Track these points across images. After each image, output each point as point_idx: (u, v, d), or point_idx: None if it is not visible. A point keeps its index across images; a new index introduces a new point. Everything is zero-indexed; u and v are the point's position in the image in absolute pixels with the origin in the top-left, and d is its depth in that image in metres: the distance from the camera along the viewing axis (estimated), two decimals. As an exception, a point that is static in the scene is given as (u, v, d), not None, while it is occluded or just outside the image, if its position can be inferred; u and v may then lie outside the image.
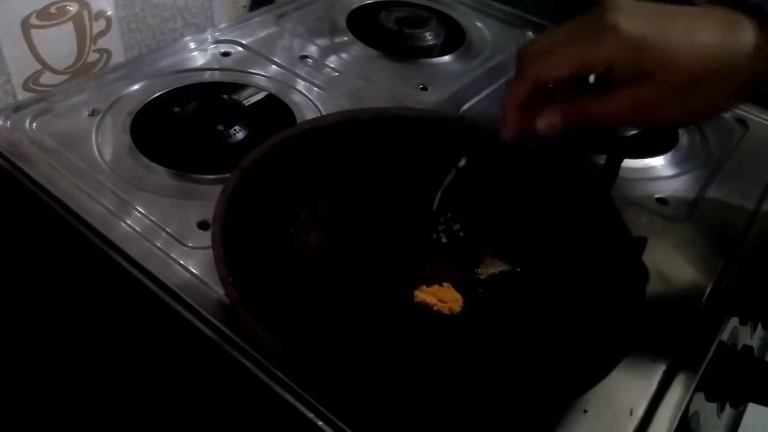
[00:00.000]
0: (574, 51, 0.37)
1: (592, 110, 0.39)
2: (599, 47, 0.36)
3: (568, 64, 0.38)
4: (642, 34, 0.35)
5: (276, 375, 0.40)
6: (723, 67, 0.36)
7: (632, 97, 0.37)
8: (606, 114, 0.38)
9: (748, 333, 0.56)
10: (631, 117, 0.38)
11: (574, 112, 0.39)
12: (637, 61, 0.36)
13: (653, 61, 0.35)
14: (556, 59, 0.38)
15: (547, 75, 0.39)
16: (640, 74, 0.36)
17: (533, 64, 0.39)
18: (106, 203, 0.50)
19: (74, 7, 0.62)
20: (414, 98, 0.65)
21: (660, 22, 0.36)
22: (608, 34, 0.36)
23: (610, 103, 0.38)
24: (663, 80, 0.36)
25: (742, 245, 0.53)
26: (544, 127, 0.40)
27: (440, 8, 0.82)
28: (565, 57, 0.38)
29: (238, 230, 0.43)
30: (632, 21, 0.36)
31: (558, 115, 0.39)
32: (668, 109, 0.37)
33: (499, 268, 0.46)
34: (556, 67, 0.38)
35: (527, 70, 0.40)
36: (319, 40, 0.73)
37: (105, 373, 0.54)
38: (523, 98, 0.40)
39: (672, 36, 0.35)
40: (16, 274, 0.59)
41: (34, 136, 0.55)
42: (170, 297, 0.44)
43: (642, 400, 0.41)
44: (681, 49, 0.35)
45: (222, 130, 0.57)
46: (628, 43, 0.36)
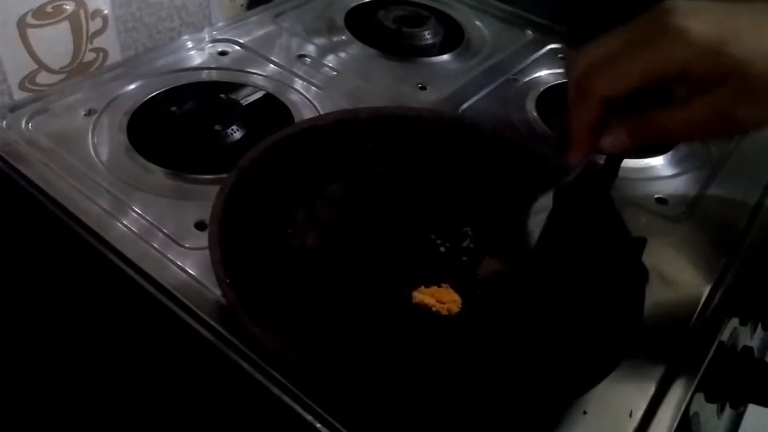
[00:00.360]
0: (643, 59, 0.34)
1: (665, 123, 0.36)
2: (670, 52, 0.34)
3: (637, 74, 0.35)
4: (715, 36, 0.33)
5: (273, 376, 0.40)
6: None
7: (710, 104, 0.34)
8: (682, 126, 0.35)
9: (748, 333, 0.56)
10: (709, 126, 0.35)
11: (645, 127, 0.36)
12: (713, 65, 0.33)
13: (729, 64, 0.33)
14: (624, 70, 0.35)
15: (617, 89, 0.35)
16: (715, 79, 0.34)
17: (598, 79, 0.36)
18: (103, 203, 0.50)
19: (70, 6, 0.62)
20: (413, 97, 0.65)
21: (727, 20, 0.34)
22: (677, 38, 0.33)
23: (685, 112, 0.35)
24: (741, 83, 0.33)
25: (742, 245, 0.52)
26: (612, 146, 0.38)
27: (439, 7, 0.81)
28: (633, 67, 0.35)
29: (235, 230, 0.43)
30: (700, 22, 0.33)
31: (627, 132, 0.37)
32: (749, 113, 0.34)
33: (497, 268, 0.46)
34: (626, 79, 0.35)
35: (592, 87, 0.36)
36: (317, 39, 0.73)
37: (102, 374, 0.54)
38: (594, 119, 0.37)
39: (743, 35, 0.33)
40: (12, 275, 0.58)
41: (31, 136, 0.55)
42: (167, 298, 0.44)
43: (642, 401, 0.41)
44: (756, 48, 0.33)
45: (219, 130, 0.56)
46: (702, 47, 0.33)
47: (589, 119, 0.37)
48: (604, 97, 0.36)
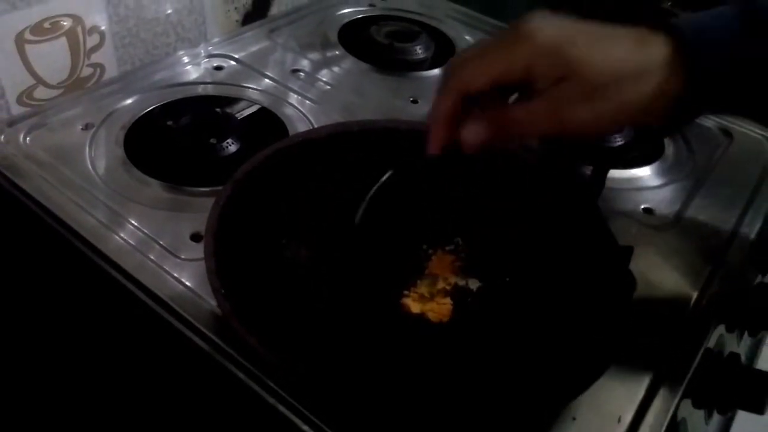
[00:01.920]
0: (493, 60, 0.38)
1: (511, 115, 0.39)
2: (516, 54, 0.37)
3: (487, 72, 0.38)
4: (556, 39, 0.37)
5: (268, 386, 0.40)
6: (636, 72, 0.37)
7: (547, 98, 0.37)
8: (523, 118, 0.39)
9: (735, 340, 0.57)
10: (546, 121, 0.38)
11: (497, 118, 0.40)
12: (552, 65, 0.37)
13: (568, 64, 0.36)
14: (477, 68, 0.39)
15: (469, 84, 0.39)
16: (557, 76, 0.37)
17: (455, 74, 0.40)
18: (100, 216, 0.50)
19: (68, 23, 0.63)
20: (405, 111, 0.66)
21: (572, 31, 0.37)
22: (524, 42, 0.37)
23: (528, 108, 0.39)
24: (575, 80, 0.36)
25: (727, 253, 0.54)
26: (469, 136, 0.40)
27: (430, 22, 0.83)
28: (485, 66, 0.39)
29: (230, 242, 0.43)
30: (546, 30, 0.37)
31: (481, 123, 0.40)
32: (581, 111, 0.37)
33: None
34: (477, 76, 0.39)
35: (450, 81, 0.40)
36: (311, 54, 0.74)
37: (100, 384, 0.55)
38: (448, 109, 0.40)
39: (583, 42, 0.37)
40: (11, 287, 0.59)
41: (28, 150, 0.56)
42: (163, 309, 0.44)
43: (630, 407, 0.41)
44: (594, 54, 0.36)
45: (215, 143, 0.57)
46: (543, 49, 0.37)
47: (444, 109, 0.40)
48: (460, 90, 0.40)
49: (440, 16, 0.84)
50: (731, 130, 0.68)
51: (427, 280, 0.46)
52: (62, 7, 0.62)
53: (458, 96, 0.40)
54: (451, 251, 0.49)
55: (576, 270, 0.46)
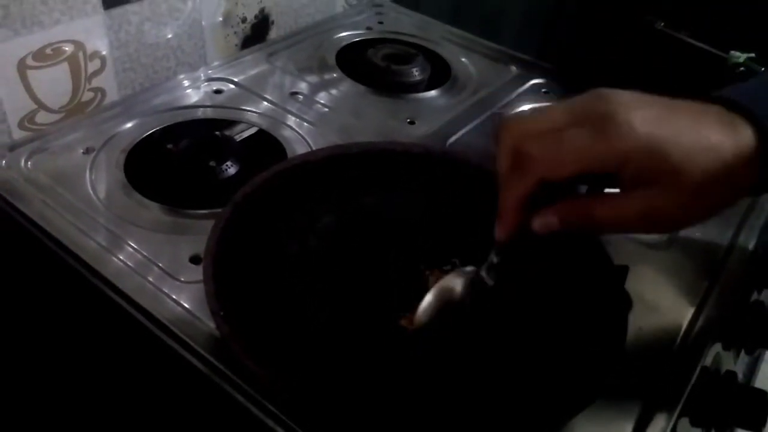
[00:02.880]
0: (586, 147, 0.34)
1: (598, 213, 0.35)
2: (614, 145, 0.33)
3: (579, 161, 0.34)
4: (658, 136, 0.33)
5: (267, 408, 0.40)
6: (731, 170, 0.33)
7: (643, 200, 0.34)
8: (611, 218, 0.35)
9: (732, 358, 0.57)
10: (637, 222, 0.35)
11: (577, 213, 0.36)
12: (653, 164, 0.33)
13: (667, 164, 0.33)
14: (566, 154, 0.34)
15: (557, 173, 0.35)
16: (653, 178, 0.34)
17: (538, 158, 0.35)
18: (100, 239, 0.51)
19: (69, 48, 0.64)
20: (402, 132, 0.67)
21: (669, 120, 0.34)
22: (622, 132, 0.33)
23: (617, 206, 0.35)
24: (678, 185, 0.33)
25: (723, 271, 0.54)
26: (541, 227, 0.37)
27: (426, 45, 0.84)
28: (576, 153, 0.34)
29: (229, 264, 0.44)
30: (644, 118, 0.33)
31: (557, 216, 0.36)
32: (678, 215, 0.34)
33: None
34: (567, 164, 0.34)
35: (531, 165, 0.35)
36: (309, 77, 0.75)
37: (100, 406, 0.55)
38: (525, 196, 0.36)
39: (684, 138, 0.33)
40: (11, 310, 0.59)
41: (29, 174, 0.56)
42: (162, 331, 0.45)
43: (627, 426, 0.42)
44: (694, 152, 0.33)
45: (214, 166, 0.58)
46: (644, 144, 0.33)
47: (522, 195, 0.37)
48: (543, 178, 0.35)
49: (436, 39, 0.86)
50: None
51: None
52: (64, 33, 0.63)
53: (539, 182, 0.35)
54: (449, 272, 0.49)
55: (572, 290, 0.46)
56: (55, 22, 0.62)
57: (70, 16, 0.62)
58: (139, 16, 0.68)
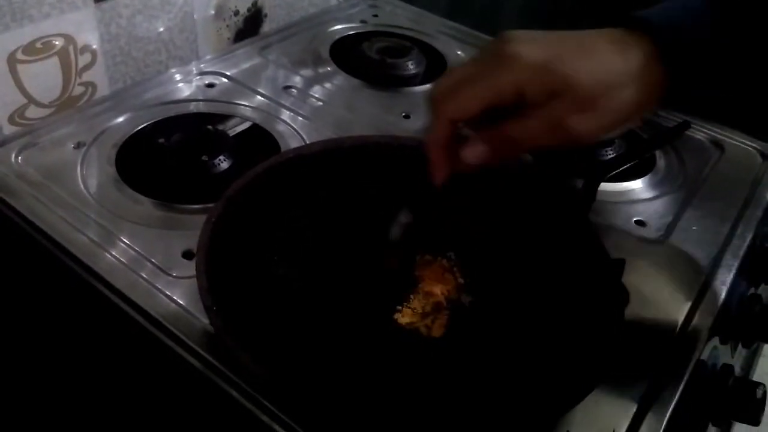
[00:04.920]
0: (483, 84, 0.38)
1: (510, 133, 0.39)
2: (504, 76, 0.38)
3: (478, 97, 0.38)
4: (542, 58, 0.37)
5: (261, 402, 0.40)
6: (621, 79, 0.37)
7: (543, 114, 0.38)
8: (523, 135, 0.39)
9: (729, 352, 0.57)
10: (546, 134, 0.39)
11: (494, 137, 0.40)
12: (542, 83, 0.37)
13: (556, 80, 0.37)
14: (466, 95, 0.39)
15: (461, 111, 0.39)
16: (548, 95, 0.37)
17: (445, 104, 0.40)
18: (91, 235, 0.50)
19: (60, 42, 0.63)
20: (397, 126, 0.66)
21: (555, 46, 0.38)
22: (510, 63, 0.37)
23: (525, 123, 0.38)
24: (569, 95, 0.37)
25: (720, 265, 0.54)
26: (471, 158, 0.40)
27: (421, 38, 0.83)
28: (474, 91, 0.38)
29: (222, 259, 0.43)
30: (530, 48, 0.37)
31: (481, 143, 0.40)
32: (579, 123, 0.38)
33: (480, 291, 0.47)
34: (468, 102, 0.39)
35: (440, 111, 0.40)
36: (303, 70, 0.74)
37: (93, 403, 0.54)
38: (444, 139, 0.41)
39: (569, 57, 0.37)
40: (2, 306, 0.58)
41: (20, 170, 0.56)
42: (155, 327, 0.44)
43: (624, 419, 0.41)
44: (581, 68, 0.37)
45: (207, 161, 0.57)
46: (530, 68, 0.37)
47: (438, 138, 0.41)
48: (450, 119, 0.40)
49: (432, 32, 0.85)
50: (722, 143, 0.69)
51: (419, 295, 0.46)
52: (54, 27, 0.62)
53: (450, 125, 0.40)
54: (438, 259, 0.49)
55: (569, 283, 0.46)
56: (45, 15, 0.61)
57: (60, 9, 0.62)
58: (130, 9, 0.67)
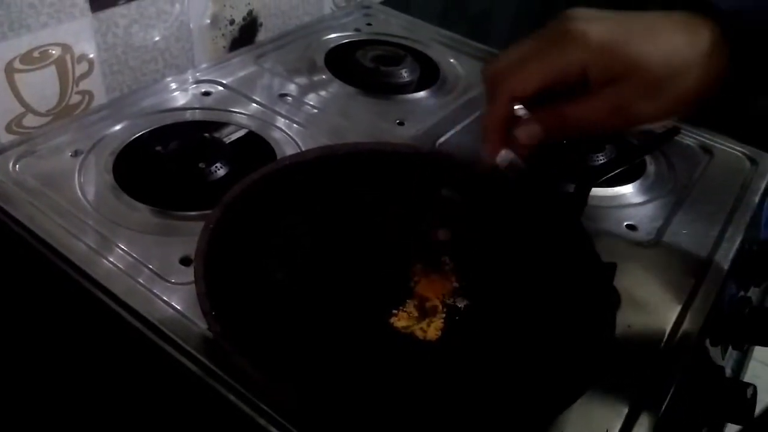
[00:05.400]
0: (547, 61, 0.38)
1: (571, 114, 0.39)
2: (570, 54, 0.37)
3: (542, 74, 0.38)
4: (609, 38, 0.37)
5: (259, 407, 0.40)
6: (687, 63, 0.37)
7: (608, 97, 0.37)
8: (584, 117, 0.39)
9: (720, 354, 0.57)
10: (609, 117, 0.38)
11: (553, 118, 0.39)
12: (609, 64, 0.37)
13: (623, 63, 0.37)
14: (530, 72, 0.38)
15: (523, 89, 0.39)
16: (613, 77, 0.37)
17: (506, 81, 0.39)
18: (89, 241, 0.51)
19: (57, 51, 0.63)
20: (391, 133, 0.67)
21: (623, 27, 0.37)
22: (577, 41, 0.37)
23: (587, 105, 0.38)
24: (636, 79, 0.37)
25: (709, 268, 0.55)
26: (524, 137, 0.40)
27: (415, 46, 0.84)
28: (538, 68, 0.38)
29: (220, 264, 0.44)
30: (597, 27, 0.37)
31: (536, 123, 0.40)
32: (643, 107, 0.37)
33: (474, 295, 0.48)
34: (531, 79, 0.38)
35: (501, 88, 0.39)
36: (298, 78, 0.75)
37: (91, 409, 0.54)
38: (503, 116, 0.40)
39: (636, 40, 0.37)
40: (1, 313, 0.59)
41: (17, 178, 0.56)
42: (153, 333, 0.45)
43: (617, 420, 0.42)
44: (648, 51, 0.37)
45: (203, 168, 0.58)
46: (597, 48, 0.37)
47: (498, 116, 0.40)
48: (511, 96, 0.39)
49: (425, 40, 0.86)
50: (711, 148, 0.70)
51: (415, 299, 0.47)
52: (51, 36, 0.62)
53: (511, 102, 0.40)
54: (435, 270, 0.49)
55: (561, 286, 0.47)
56: (43, 25, 0.61)
57: (58, 19, 0.62)
58: (127, 18, 0.68)
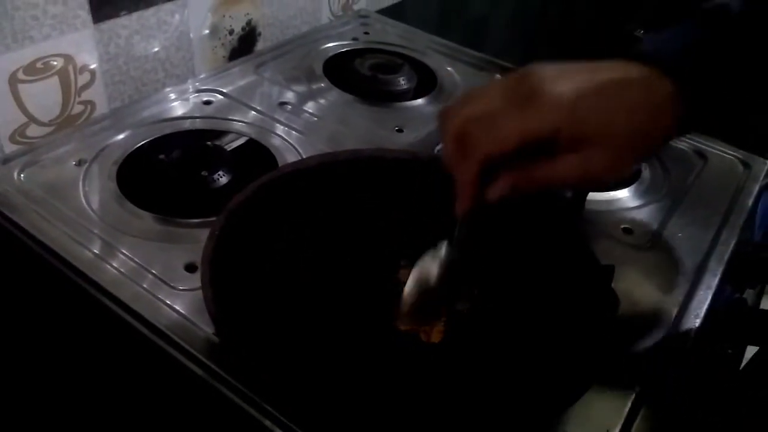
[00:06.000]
0: (522, 124, 0.37)
1: (541, 176, 0.39)
2: (544, 117, 0.37)
3: (515, 137, 0.38)
4: (583, 104, 0.37)
5: (265, 409, 0.41)
6: (653, 126, 0.38)
7: (580, 162, 0.38)
8: (553, 178, 0.39)
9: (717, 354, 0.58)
10: (576, 180, 0.39)
11: (524, 179, 0.40)
12: (582, 128, 0.37)
13: (594, 130, 0.37)
14: (504, 132, 0.38)
15: (498, 149, 0.38)
16: (584, 140, 0.37)
17: (480, 141, 0.39)
18: (94, 249, 0.51)
19: (59, 62, 0.64)
20: (390, 140, 0.68)
21: (592, 87, 0.37)
22: (551, 105, 0.37)
23: (558, 168, 0.38)
24: (604, 145, 0.37)
25: (705, 270, 0.55)
26: (495, 197, 0.40)
27: (412, 54, 0.85)
28: (510, 130, 0.38)
29: (225, 270, 0.45)
30: (569, 89, 0.37)
31: (507, 184, 0.40)
32: (609, 168, 0.38)
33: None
34: (506, 141, 0.38)
35: (473, 146, 0.39)
36: (297, 87, 0.76)
37: (98, 413, 0.55)
38: (475, 175, 0.40)
39: (606, 102, 0.37)
40: (7, 319, 0.59)
41: (23, 187, 0.57)
42: (159, 337, 0.45)
43: (617, 419, 0.43)
44: (619, 119, 0.37)
45: (206, 175, 0.59)
46: (570, 113, 0.37)
47: (471, 174, 0.40)
48: (487, 156, 0.39)
49: (421, 48, 0.87)
50: (705, 153, 0.71)
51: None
52: (54, 48, 0.63)
53: (483, 160, 0.39)
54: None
55: (561, 289, 0.47)
56: (45, 36, 0.62)
57: (60, 30, 0.63)
58: (128, 29, 0.69)
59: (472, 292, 0.48)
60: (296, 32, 0.89)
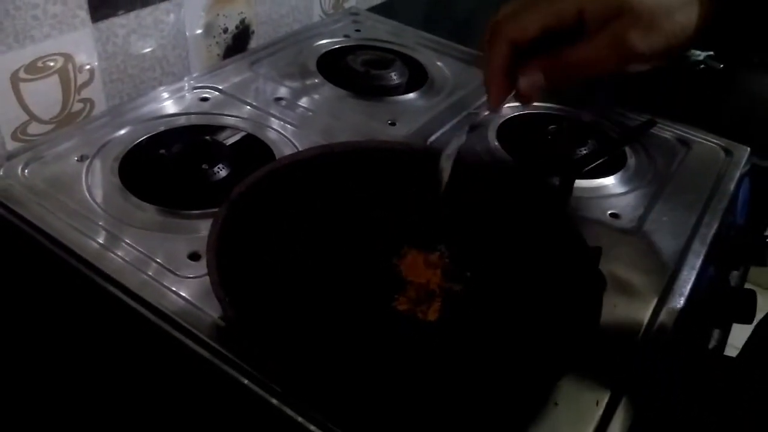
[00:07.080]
0: (544, 7, 0.39)
1: (571, 57, 0.40)
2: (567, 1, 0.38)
3: (541, 19, 0.39)
4: None
5: (272, 388, 0.43)
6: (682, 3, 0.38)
7: (605, 35, 0.38)
8: (584, 58, 0.40)
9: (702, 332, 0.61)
10: (607, 56, 0.39)
11: (555, 64, 0.40)
12: (605, 6, 0.38)
13: (619, 3, 0.38)
14: (529, 18, 0.40)
15: (522, 34, 0.40)
16: (608, 17, 0.38)
17: (506, 26, 0.40)
18: (100, 239, 0.53)
19: (60, 61, 0.66)
20: (384, 132, 0.70)
21: None
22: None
23: (586, 46, 0.39)
24: (630, 15, 0.38)
25: (689, 252, 0.58)
26: (527, 86, 0.41)
27: (403, 50, 0.87)
28: (536, 13, 0.39)
29: (229, 257, 0.46)
30: None
31: (539, 70, 0.41)
32: (638, 42, 0.38)
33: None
34: (530, 25, 0.39)
35: (501, 33, 0.41)
36: (291, 82, 0.78)
37: (107, 401, 0.56)
38: (504, 60, 0.41)
39: None
40: (14, 311, 0.60)
41: (27, 182, 0.58)
42: (166, 322, 0.47)
43: (605, 392, 0.45)
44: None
45: (206, 169, 0.60)
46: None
47: (500, 62, 0.41)
48: (511, 41, 0.40)
49: (412, 44, 0.89)
50: (688, 140, 0.73)
51: (414, 285, 0.49)
52: (54, 47, 0.65)
53: (511, 47, 0.40)
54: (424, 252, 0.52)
55: (551, 270, 0.50)
56: (46, 36, 0.64)
57: (60, 29, 0.64)
58: (126, 28, 0.70)
59: (464, 274, 0.50)
60: (288, 30, 0.91)
